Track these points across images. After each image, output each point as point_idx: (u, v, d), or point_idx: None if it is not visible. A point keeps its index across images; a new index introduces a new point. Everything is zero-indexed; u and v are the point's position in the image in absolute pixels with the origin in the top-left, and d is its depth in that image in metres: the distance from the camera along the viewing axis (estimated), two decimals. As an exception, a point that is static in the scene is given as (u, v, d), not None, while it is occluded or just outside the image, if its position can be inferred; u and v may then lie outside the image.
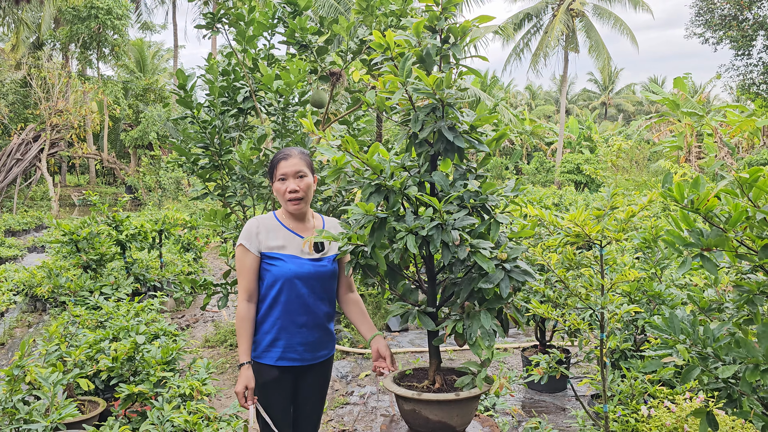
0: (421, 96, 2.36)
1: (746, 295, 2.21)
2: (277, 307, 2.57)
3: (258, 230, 2.59)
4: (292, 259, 2.56)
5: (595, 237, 3.09)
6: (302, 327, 2.59)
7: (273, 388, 2.58)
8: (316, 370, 2.72)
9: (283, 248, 2.58)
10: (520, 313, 2.44)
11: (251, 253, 2.56)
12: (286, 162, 2.60)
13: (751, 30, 18.98)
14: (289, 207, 2.61)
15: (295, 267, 2.56)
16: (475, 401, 2.45)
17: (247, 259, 2.56)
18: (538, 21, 31.90)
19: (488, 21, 2.52)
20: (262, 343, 2.59)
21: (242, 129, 5.95)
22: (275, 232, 2.61)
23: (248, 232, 2.59)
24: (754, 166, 21.50)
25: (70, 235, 7.28)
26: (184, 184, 24.64)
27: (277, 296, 2.56)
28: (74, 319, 5.08)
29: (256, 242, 2.57)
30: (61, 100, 24.74)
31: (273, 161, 2.64)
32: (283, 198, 2.61)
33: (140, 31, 37.30)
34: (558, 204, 14.60)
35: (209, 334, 7.11)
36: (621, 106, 59.84)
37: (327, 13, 18.56)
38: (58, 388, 3.40)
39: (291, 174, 2.59)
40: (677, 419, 3.17)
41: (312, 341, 2.63)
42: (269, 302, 2.58)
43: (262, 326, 2.59)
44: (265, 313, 2.59)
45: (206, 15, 5.56)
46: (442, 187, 2.39)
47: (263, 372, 2.58)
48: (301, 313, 2.58)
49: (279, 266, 2.55)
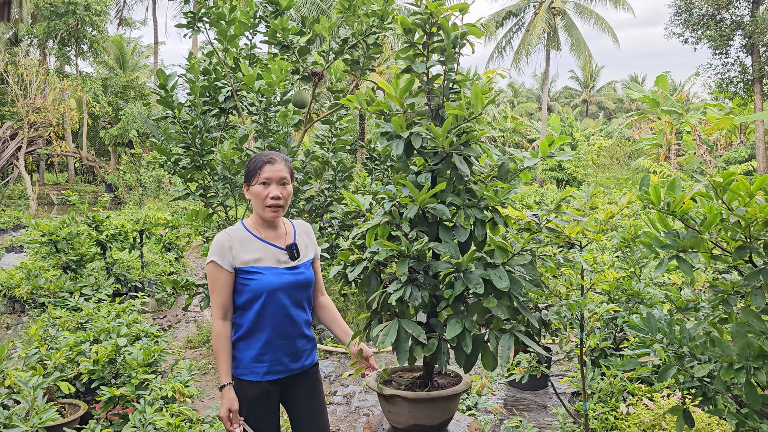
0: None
1: (721, 295, 2.26)
2: (262, 321, 2.46)
3: (230, 244, 2.45)
4: (270, 270, 2.46)
5: (575, 238, 3.13)
6: (287, 338, 2.51)
7: (261, 402, 2.49)
8: (304, 378, 2.63)
9: (259, 261, 2.46)
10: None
11: (225, 270, 2.43)
12: (272, 166, 2.47)
13: (728, 30, 19.28)
14: (266, 213, 2.49)
15: (275, 279, 2.45)
16: (455, 399, 2.47)
17: (220, 275, 2.43)
18: (520, 19, 32.11)
19: (465, 9, 2.42)
20: (245, 360, 2.48)
21: (224, 129, 5.92)
22: (248, 244, 2.48)
23: (219, 247, 2.44)
24: (732, 163, 21.85)
25: (49, 236, 7.20)
26: (165, 182, 24.43)
27: (261, 310, 2.45)
28: (54, 321, 5.03)
29: (230, 257, 2.43)
30: (38, 97, 24.38)
31: (256, 163, 2.49)
32: (261, 203, 2.47)
33: (119, 27, 36.88)
34: (540, 202, 14.71)
35: (191, 334, 7.08)
36: (602, 104, 60.40)
37: (309, 11, 18.52)
38: (38, 391, 3.38)
39: (275, 179, 2.48)
40: (655, 416, 3.22)
41: (296, 351, 2.55)
42: (252, 318, 2.46)
43: (245, 342, 2.49)
44: (248, 330, 2.47)
45: (187, 14, 5.52)
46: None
47: (249, 388, 2.47)
48: (286, 324, 2.49)
49: (258, 280, 2.43)
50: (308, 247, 2.65)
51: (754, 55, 19.46)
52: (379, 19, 5.34)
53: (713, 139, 24.48)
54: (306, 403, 2.64)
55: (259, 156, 2.52)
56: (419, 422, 2.40)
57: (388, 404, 2.45)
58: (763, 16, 18.36)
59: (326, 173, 6.25)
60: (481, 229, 2.30)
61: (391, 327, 2.28)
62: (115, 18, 35.40)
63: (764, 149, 19.55)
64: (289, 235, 2.61)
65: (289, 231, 2.63)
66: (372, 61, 5.75)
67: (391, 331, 2.27)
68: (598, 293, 4.15)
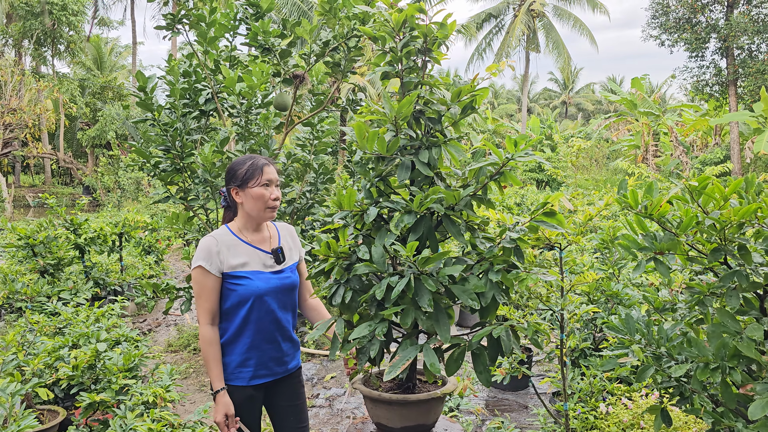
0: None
1: (697, 296, 2.30)
2: (249, 326, 2.46)
3: (218, 249, 2.42)
4: (257, 275, 2.46)
5: (554, 240, 3.17)
6: (273, 342, 2.51)
7: (247, 407, 2.49)
8: (288, 382, 2.64)
9: (245, 265, 2.45)
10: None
11: (212, 275, 2.41)
12: (269, 168, 2.47)
13: (703, 33, 19.60)
14: (266, 215, 2.48)
15: (262, 283, 2.45)
16: (440, 401, 2.49)
17: (208, 281, 2.41)
18: (499, 21, 32.36)
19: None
20: (231, 365, 2.47)
21: (204, 131, 5.89)
22: (235, 248, 2.46)
23: (207, 251, 2.41)
24: (708, 164, 22.20)
25: (26, 239, 7.09)
26: (144, 184, 24.18)
27: (248, 315, 2.44)
28: (32, 326, 4.96)
29: (217, 262, 2.42)
30: (14, 98, 23.98)
31: (255, 165, 2.46)
32: (263, 204, 2.46)
33: (97, 27, 36.42)
34: (520, 204, 14.81)
35: (172, 338, 7.02)
36: (581, 105, 61.04)
37: (290, 12, 18.47)
38: (16, 398, 3.33)
39: (275, 181, 2.48)
40: (634, 416, 3.27)
41: (281, 355, 2.55)
42: (239, 323, 2.45)
43: (230, 347, 2.48)
44: (234, 334, 2.47)
45: (166, 16, 5.48)
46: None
47: (235, 393, 2.46)
48: (273, 329, 2.49)
49: (246, 285, 2.43)
50: (292, 249, 2.65)
51: (728, 57, 19.81)
52: (360, 22, 5.36)
53: (690, 141, 24.86)
54: (288, 407, 2.65)
55: (253, 159, 2.49)
56: (410, 420, 2.41)
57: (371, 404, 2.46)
58: (737, 19, 18.70)
59: (308, 175, 6.24)
60: (416, 233, 2.23)
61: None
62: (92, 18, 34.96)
63: (739, 150, 19.90)
64: (274, 238, 2.60)
65: (273, 234, 2.62)
66: (353, 63, 5.75)
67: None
68: (578, 294, 4.20)
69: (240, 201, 2.50)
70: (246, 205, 2.49)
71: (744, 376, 1.95)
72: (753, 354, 1.89)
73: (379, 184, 2.40)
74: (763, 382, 1.89)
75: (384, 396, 2.37)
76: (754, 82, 19.23)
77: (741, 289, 2.08)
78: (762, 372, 1.99)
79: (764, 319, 2.07)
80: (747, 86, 19.77)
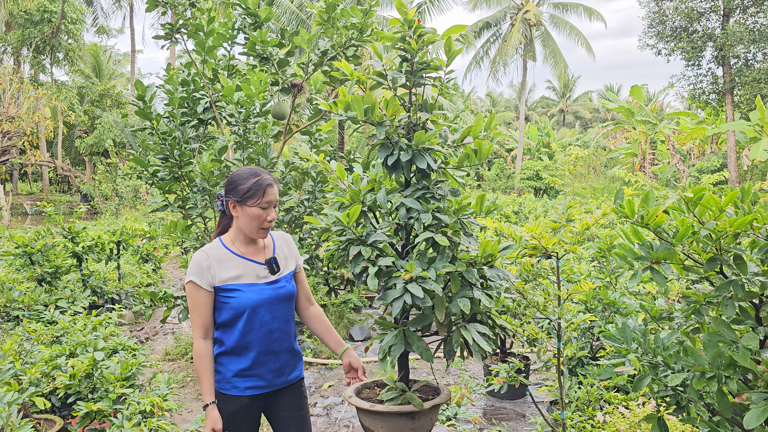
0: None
1: (693, 305, 2.31)
2: (245, 338, 2.44)
3: (209, 263, 2.42)
4: (249, 287, 2.44)
5: (552, 249, 3.18)
6: (269, 354, 2.49)
7: (241, 416, 2.48)
8: (288, 393, 2.61)
9: (238, 278, 2.44)
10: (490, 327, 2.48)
11: (203, 290, 2.41)
12: (272, 189, 2.46)
13: (700, 42, 19.70)
14: (258, 234, 2.47)
15: (255, 295, 2.43)
16: (433, 411, 2.49)
17: (200, 295, 2.41)
18: (497, 30, 32.48)
19: (459, 31, 2.52)
20: (227, 375, 2.46)
21: (203, 140, 5.90)
22: (227, 262, 2.45)
23: (198, 266, 2.41)
24: (705, 172, 22.26)
25: (23, 248, 7.08)
26: (142, 192, 24.18)
27: (244, 328, 2.43)
28: (29, 335, 4.94)
29: (209, 276, 2.41)
30: (12, 106, 23.98)
31: (259, 185, 2.44)
32: (257, 225, 2.46)
33: (96, 35, 36.51)
34: (518, 212, 14.83)
35: (169, 347, 7.00)
36: (578, 113, 61.23)
37: (288, 21, 18.51)
38: (13, 407, 3.32)
39: (274, 202, 2.48)
40: (631, 424, 3.27)
41: (280, 366, 2.53)
42: (236, 335, 2.44)
43: (228, 358, 2.47)
44: (231, 346, 2.46)
45: (165, 26, 5.51)
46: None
47: (230, 402, 2.45)
48: (268, 340, 2.47)
49: (238, 297, 2.42)
50: (288, 258, 2.62)
51: (725, 66, 19.90)
52: (358, 32, 5.39)
53: (686, 149, 24.94)
54: (289, 417, 2.61)
55: (258, 176, 2.47)
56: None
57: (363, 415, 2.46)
58: (732, 28, 18.81)
59: (306, 184, 6.25)
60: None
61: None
62: (92, 26, 35.04)
63: (735, 159, 19.96)
64: (269, 248, 2.58)
65: (269, 244, 2.60)
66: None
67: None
68: (575, 303, 4.21)
69: (236, 215, 2.48)
70: (241, 221, 2.48)
71: (740, 386, 1.96)
72: (748, 363, 1.90)
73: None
74: (759, 392, 1.89)
75: (376, 407, 2.37)
76: (751, 91, 19.32)
77: (737, 299, 2.09)
78: (758, 381, 2.00)
79: (760, 328, 2.09)
80: (743, 95, 19.86)
